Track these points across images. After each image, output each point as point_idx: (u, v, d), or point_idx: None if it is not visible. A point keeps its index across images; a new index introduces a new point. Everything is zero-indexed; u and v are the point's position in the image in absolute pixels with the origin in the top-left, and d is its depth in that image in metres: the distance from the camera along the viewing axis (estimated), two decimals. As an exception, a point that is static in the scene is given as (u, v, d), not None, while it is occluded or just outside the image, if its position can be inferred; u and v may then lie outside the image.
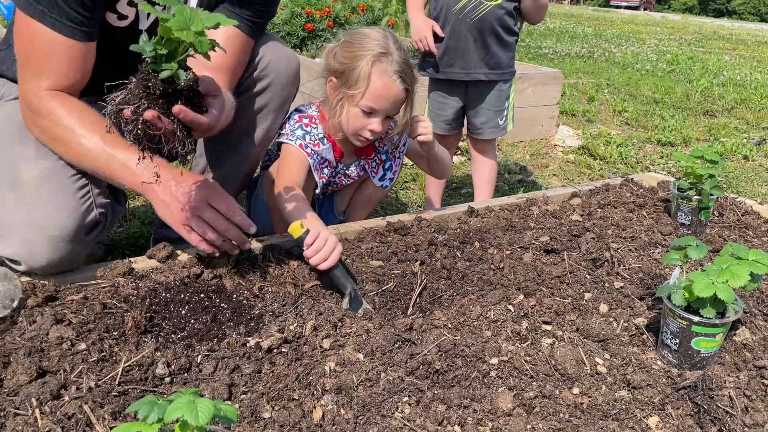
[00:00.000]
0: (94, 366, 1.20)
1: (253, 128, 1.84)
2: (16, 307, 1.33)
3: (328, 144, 1.95)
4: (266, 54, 1.78)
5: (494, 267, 1.72)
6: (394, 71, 1.77)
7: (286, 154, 1.90)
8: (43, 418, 1.05)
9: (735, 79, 7.76)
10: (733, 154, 4.35)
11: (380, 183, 2.09)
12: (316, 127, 1.93)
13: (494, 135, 2.66)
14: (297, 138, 1.89)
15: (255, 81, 1.79)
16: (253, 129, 1.84)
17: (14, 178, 1.47)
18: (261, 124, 1.85)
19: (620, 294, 1.61)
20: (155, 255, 1.60)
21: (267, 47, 1.79)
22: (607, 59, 9.23)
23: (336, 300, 1.53)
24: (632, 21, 21.29)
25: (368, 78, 1.76)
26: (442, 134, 2.70)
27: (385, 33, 1.86)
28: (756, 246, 1.95)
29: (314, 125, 1.94)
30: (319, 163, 1.93)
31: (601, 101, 5.88)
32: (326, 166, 1.96)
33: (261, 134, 1.87)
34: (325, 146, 1.93)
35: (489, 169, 2.74)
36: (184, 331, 1.35)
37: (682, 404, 1.22)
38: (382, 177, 2.09)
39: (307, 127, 1.92)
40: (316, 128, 1.94)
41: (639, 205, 2.26)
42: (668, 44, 12.73)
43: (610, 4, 42.26)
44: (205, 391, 1.16)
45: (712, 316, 1.29)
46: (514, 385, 1.24)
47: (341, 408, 1.15)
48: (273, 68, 1.79)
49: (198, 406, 0.72)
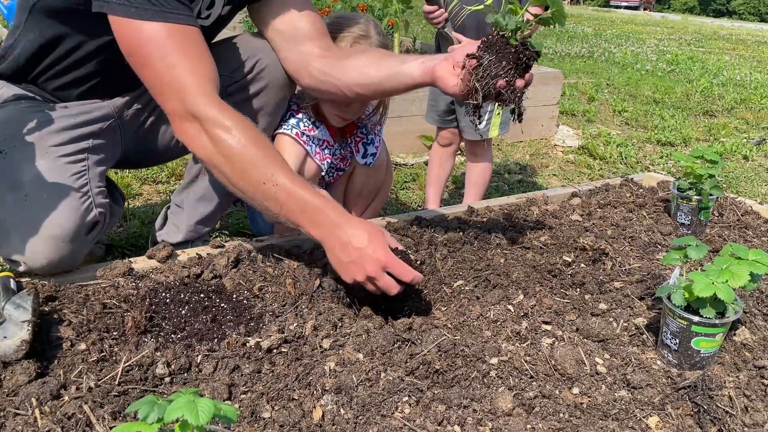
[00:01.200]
0: (94, 366, 1.20)
1: None
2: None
3: (322, 126, 1.99)
4: (262, 56, 1.78)
5: (494, 267, 1.72)
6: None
7: (280, 145, 1.94)
8: (43, 418, 1.05)
9: (735, 79, 7.76)
10: (733, 154, 4.35)
11: (363, 161, 2.11)
12: (305, 113, 1.97)
13: (474, 137, 2.63)
14: (291, 127, 1.93)
15: (250, 83, 1.79)
16: None
17: (14, 178, 1.47)
18: (258, 126, 1.85)
19: (620, 294, 1.61)
20: (155, 255, 1.60)
21: (262, 49, 1.79)
22: (607, 59, 9.23)
23: (336, 300, 1.53)
24: (632, 21, 21.28)
25: None
26: (438, 126, 2.71)
27: (368, 19, 1.93)
28: (756, 246, 1.95)
29: (304, 110, 1.97)
30: (318, 146, 1.97)
31: (601, 101, 5.88)
32: (326, 147, 2.00)
33: None
34: (320, 128, 1.97)
35: (479, 171, 2.73)
36: (184, 331, 1.35)
37: (682, 404, 1.22)
38: (364, 154, 2.12)
39: (298, 114, 1.96)
40: (306, 113, 1.97)
41: (639, 205, 2.26)
42: (668, 44, 12.72)
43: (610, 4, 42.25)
44: (205, 391, 1.16)
45: (712, 316, 1.29)
46: (514, 385, 1.24)
47: (341, 408, 1.15)
48: (269, 71, 1.79)
49: (198, 406, 0.72)
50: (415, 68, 1.50)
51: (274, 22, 1.72)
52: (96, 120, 1.69)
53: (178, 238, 1.94)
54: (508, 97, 1.39)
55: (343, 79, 1.65)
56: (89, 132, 1.66)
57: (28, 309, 1.21)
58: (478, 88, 1.39)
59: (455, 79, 1.43)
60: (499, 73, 1.38)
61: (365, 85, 1.62)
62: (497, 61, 1.38)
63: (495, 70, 1.38)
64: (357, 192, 2.19)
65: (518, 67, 1.39)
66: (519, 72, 1.40)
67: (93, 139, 1.66)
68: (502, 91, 1.39)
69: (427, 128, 3.32)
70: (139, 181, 2.99)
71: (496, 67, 1.38)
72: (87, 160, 1.61)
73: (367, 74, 1.60)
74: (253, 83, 1.79)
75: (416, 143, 3.86)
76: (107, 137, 1.72)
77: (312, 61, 1.70)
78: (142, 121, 1.81)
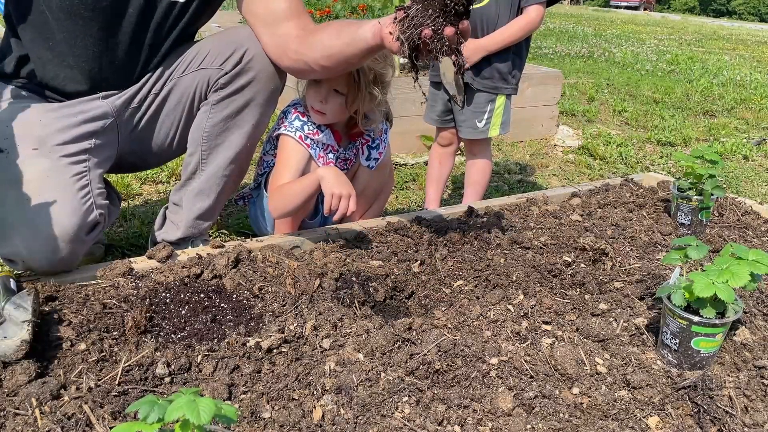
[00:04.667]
0: (94, 366, 1.20)
1: (242, 123, 1.85)
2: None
3: (327, 130, 1.99)
4: (249, 46, 1.76)
5: (494, 267, 1.72)
6: None
7: (283, 146, 1.95)
8: (43, 418, 1.05)
9: (735, 79, 7.76)
10: (733, 154, 4.35)
11: (366, 163, 2.12)
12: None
13: (471, 136, 2.59)
14: (296, 129, 1.93)
15: (239, 75, 1.78)
16: (242, 124, 1.85)
17: (15, 177, 1.47)
18: (249, 118, 1.84)
19: (620, 294, 1.61)
20: (155, 255, 1.60)
21: (248, 38, 1.77)
22: (607, 59, 9.23)
23: (336, 300, 1.53)
24: (632, 21, 21.29)
25: None
26: (437, 126, 2.71)
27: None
28: (756, 246, 1.95)
29: (309, 114, 1.97)
30: (322, 150, 1.98)
31: (601, 101, 5.88)
32: (330, 151, 2.01)
33: (250, 129, 1.86)
34: (324, 132, 1.97)
35: (477, 170, 2.72)
36: (184, 331, 1.35)
37: (681, 404, 1.22)
38: (368, 157, 2.13)
39: (304, 117, 1.97)
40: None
41: (639, 205, 2.26)
42: (668, 44, 12.73)
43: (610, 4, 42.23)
44: (205, 391, 1.16)
45: (712, 316, 1.29)
46: (514, 385, 1.24)
47: (341, 408, 1.15)
48: (256, 61, 1.77)
49: (199, 406, 0.72)
50: (369, 31, 1.47)
51: (252, 6, 1.73)
52: (95, 118, 1.69)
53: (177, 234, 1.94)
54: (435, 47, 1.30)
55: (311, 55, 1.65)
56: (90, 131, 1.66)
57: (28, 309, 1.21)
58: (403, 40, 1.31)
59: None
60: (424, 22, 1.29)
61: (329, 56, 1.61)
62: (423, 10, 1.30)
63: (420, 19, 1.29)
64: (359, 192, 2.19)
65: (447, 14, 1.29)
66: (449, 20, 1.30)
67: (95, 138, 1.67)
68: (429, 42, 1.30)
69: (426, 128, 3.32)
70: (139, 181, 2.98)
71: (421, 15, 1.29)
72: (88, 161, 1.61)
73: (330, 45, 1.59)
74: (241, 75, 1.78)
75: (416, 143, 3.86)
76: (106, 137, 1.72)
77: (289, 43, 1.70)
78: (137, 121, 1.82)
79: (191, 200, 1.92)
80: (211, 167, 1.87)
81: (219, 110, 1.79)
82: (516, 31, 2.39)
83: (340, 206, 1.73)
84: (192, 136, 1.84)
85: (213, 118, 1.80)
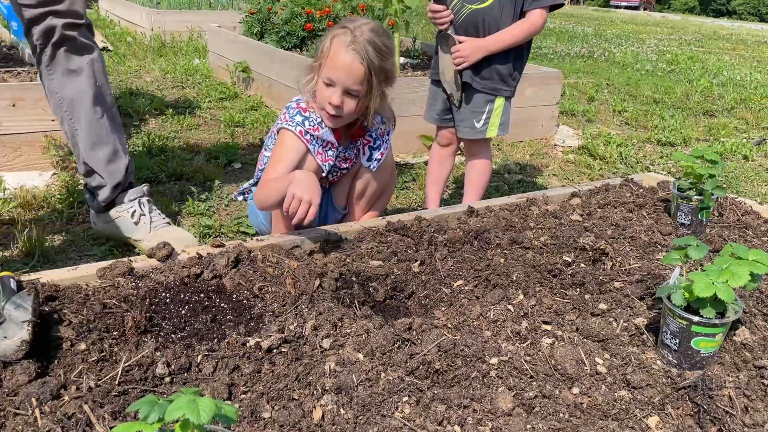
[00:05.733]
0: (94, 366, 1.20)
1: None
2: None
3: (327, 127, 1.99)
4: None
5: (494, 267, 1.72)
6: (350, 42, 1.86)
7: (282, 140, 1.96)
8: (43, 418, 1.05)
9: (735, 79, 7.76)
10: (733, 154, 4.35)
11: (367, 164, 2.12)
12: (314, 112, 1.98)
13: (469, 136, 2.58)
14: (296, 124, 1.94)
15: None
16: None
17: None
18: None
19: (620, 294, 1.61)
20: (155, 255, 1.60)
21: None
22: (607, 59, 9.22)
23: (336, 300, 1.53)
24: (632, 21, 21.28)
25: (329, 50, 1.88)
26: (437, 125, 2.71)
27: (363, 19, 1.97)
28: (756, 246, 1.95)
29: (312, 110, 1.99)
30: (321, 146, 1.99)
31: (601, 101, 5.88)
32: (330, 148, 2.01)
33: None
34: (325, 129, 1.98)
35: (477, 170, 2.71)
36: (184, 331, 1.35)
37: (681, 404, 1.22)
38: (369, 158, 2.13)
39: (305, 113, 1.98)
40: (314, 113, 1.98)
41: (639, 205, 2.26)
42: (668, 44, 12.72)
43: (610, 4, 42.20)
44: (205, 391, 1.16)
45: (712, 316, 1.29)
46: (514, 385, 1.24)
47: (341, 408, 1.15)
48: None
49: (199, 405, 0.72)
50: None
51: None
52: None
53: (106, 192, 2.24)
54: None
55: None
56: None
57: (28, 309, 1.21)
58: None
59: None
60: None
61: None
62: None
63: None
64: (360, 192, 2.20)
65: None
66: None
67: None
68: None
69: (427, 128, 3.31)
70: (138, 181, 2.98)
71: None
72: None
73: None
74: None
75: (416, 143, 3.86)
76: None
77: None
78: None
79: (94, 156, 2.21)
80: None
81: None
82: (518, 33, 2.39)
83: (299, 210, 1.69)
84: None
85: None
